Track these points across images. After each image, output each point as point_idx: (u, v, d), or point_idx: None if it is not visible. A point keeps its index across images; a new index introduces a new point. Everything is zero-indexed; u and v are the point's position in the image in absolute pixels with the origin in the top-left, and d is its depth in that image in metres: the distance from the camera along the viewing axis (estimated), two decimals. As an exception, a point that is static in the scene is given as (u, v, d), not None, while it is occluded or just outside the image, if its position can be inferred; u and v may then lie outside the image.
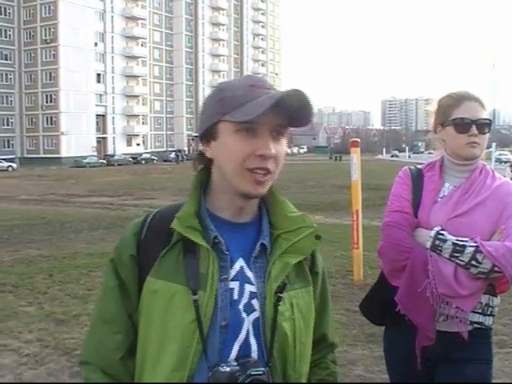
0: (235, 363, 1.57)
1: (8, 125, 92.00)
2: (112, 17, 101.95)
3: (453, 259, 2.74)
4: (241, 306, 1.63)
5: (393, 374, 3.19)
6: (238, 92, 1.61)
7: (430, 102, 3.17)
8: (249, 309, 1.64)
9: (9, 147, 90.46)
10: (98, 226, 17.32)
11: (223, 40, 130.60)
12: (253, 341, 1.63)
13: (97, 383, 1.68)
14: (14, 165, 74.02)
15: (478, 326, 2.86)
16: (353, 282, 9.50)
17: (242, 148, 1.59)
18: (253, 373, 1.55)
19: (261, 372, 1.57)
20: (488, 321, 2.88)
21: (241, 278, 1.65)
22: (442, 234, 2.77)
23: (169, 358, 1.58)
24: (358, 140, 10.70)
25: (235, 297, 1.63)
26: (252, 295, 1.65)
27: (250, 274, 1.67)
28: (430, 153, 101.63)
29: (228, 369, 1.55)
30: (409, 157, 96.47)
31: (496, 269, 2.69)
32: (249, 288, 1.65)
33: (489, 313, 2.87)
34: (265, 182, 1.63)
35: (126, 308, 1.69)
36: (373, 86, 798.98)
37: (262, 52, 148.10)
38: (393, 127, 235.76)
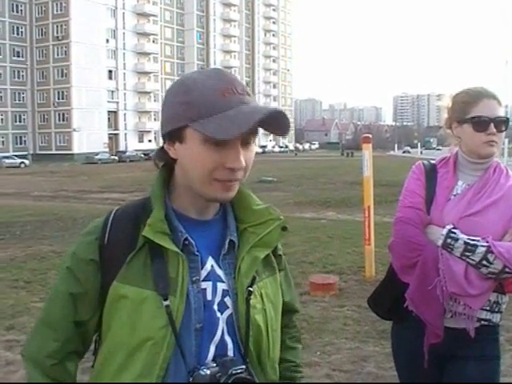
0: (214, 364, 1.55)
1: (20, 121, 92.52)
2: (123, 13, 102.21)
3: (464, 258, 2.72)
4: (215, 306, 1.61)
5: (401, 371, 3.18)
6: (207, 98, 1.51)
7: (441, 97, 3.16)
8: (222, 307, 1.62)
9: (21, 144, 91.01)
10: (110, 223, 17.28)
11: (234, 36, 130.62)
12: (228, 339, 1.61)
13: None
14: (27, 161, 74.32)
15: (486, 323, 2.84)
16: (364, 279, 9.47)
17: (211, 159, 1.52)
18: (234, 372, 1.53)
19: (241, 370, 1.55)
20: (496, 318, 2.87)
21: (212, 277, 1.62)
22: (454, 233, 2.75)
23: (136, 364, 1.55)
24: (370, 136, 10.65)
25: (209, 297, 1.61)
26: (224, 293, 1.62)
27: (219, 271, 1.64)
28: (438, 149, 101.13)
29: (208, 371, 1.53)
30: (421, 153, 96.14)
31: (507, 269, 2.67)
32: (221, 286, 1.63)
33: (497, 310, 2.86)
34: (233, 187, 1.59)
35: (73, 317, 1.64)
36: (384, 82, 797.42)
37: (274, 48, 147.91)
38: (404, 123, 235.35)
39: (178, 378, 1.54)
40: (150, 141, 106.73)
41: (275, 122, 1.54)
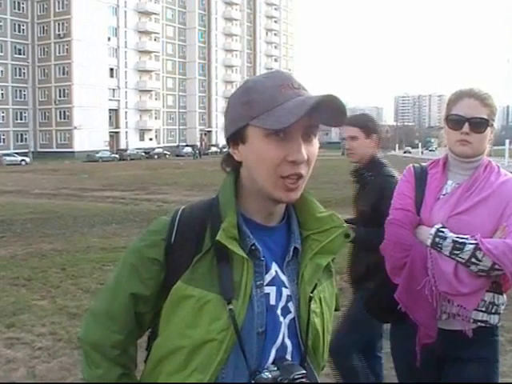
0: (275, 368, 1.57)
1: (21, 119, 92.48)
2: (125, 11, 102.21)
3: (453, 257, 2.72)
4: (278, 311, 1.63)
5: (400, 372, 3.19)
6: (265, 94, 1.55)
7: (442, 98, 3.16)
8: (285, 312, 1.64)
9: (22, 141, 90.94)
10: (111, 221, 17.39)
11: (236, 35, 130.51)
12: (288, 342, 1.64)
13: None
14: (28, 159, 74.29)
15: (483, 325, 2.84)
16: (366, 279, 9.43)
17: (274, 154, 1.54)
18: (296, 376, 1.55)
19: (302, 375, 1.56)
20: (493, 319, 2.86)
21: (277, 282, 1.65)
22: (442, 232, 2.75)
23: (193, 364, 1.58)
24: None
25: (272, 302, 1.63)
26: (288, 298, 1.65)
27: (283, 277, 1.66)
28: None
29: (270, 374, 1.55)
30: (422, 153, 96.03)
31: (496, 266, 2.67)
32: (285, 292, 1.65)
33: (493, 311, 2.85)
34: (297, 187, 1.60)
35: (134, 311, 1.69)
36: (386, 82, 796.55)
37: (275, 47, 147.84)
38: (406, 123, 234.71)
39: (237, 380, 1.57)
40: (150, 139, 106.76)
41: (331, 110, 1.55)
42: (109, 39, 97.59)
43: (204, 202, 1.75)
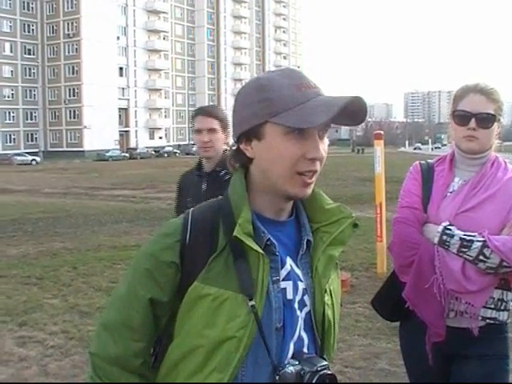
0: (296, 362, 1.57)
1: (31, 119, 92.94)
2: (134, 11, 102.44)
3: (460, 254, 2.70)
4: (295, 305, 1.64)
5: (410, 370, 3.18)
6: (284, 92, 1.55)
7: (452, 93, 3.13)
8: (301, 305, 1.65)
9: (32, 141, 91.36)
10: (122, 219, 17.46)
11: (245, 33, 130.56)
12: (304, 335, 1.64)
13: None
14: (38, 158, 74.70)
15: (492, 322, 2.81)
16: (376, 275, 9.44)
17: (293, 151, 1.55)
18: (319, 368, 1.56)
19: (324, 366, 1.58)
20: (502, 316, 2.83)
21: (292, 276, 1.65)
22: (450, 229, 2.73)
23: (213, 363, 1.57)
24: (382, 132, 10.63)
25: (289, 296, 1.63)
26: (304, 292, 1.66)
27: (298, 271, 1.66)
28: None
29: (293, 369, 1.55)
30: (432, 149, 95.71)
31: (504, 263, 2.65)
32: (301, 285, 1.66)
33: (503, 308, 2.82)
34: (312, 183, 1.61)
35: (153, 316, 1.66)
36: (395, 78, 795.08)
37: (284, 45, 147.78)
38: (415, 119, 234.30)
39: (257, 377, 1.57)
40: (160, 138, 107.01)
41: (353, 111, 1.57)
42: (118, 38, 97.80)
43: (213, 201, 1.74)
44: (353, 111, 1.56)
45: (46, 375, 5.66)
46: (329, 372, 1.57)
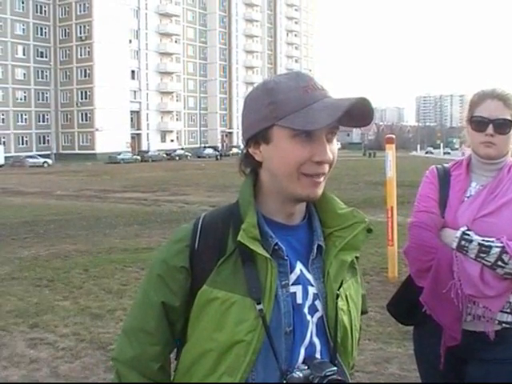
0: (305, 367, 1.57)
1: (44, 121, 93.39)
2: (146, 14, 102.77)
3: (479, 260, 2.68)
4: (305, 309, 1.63)
5: (423, 373, 3.16)
6: (291, 95, 1.55)
7: (464, 97, 3.13)
8: (312, 310, 1.64)
9: (44, 143, 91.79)
10: (133, 222, 17.47)
11: (257, 36, 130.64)
12: (316, 341, 1.63)
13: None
14: (50, 161, 74.98)
15: (508, 326, 2.79)
16: (387, 280, 9.42)
17: (300, 154, 1.55)
18: (328, 373, 1.55)
19: (333, 371, 1.56)
20: None
21: (302, 281, 1.64)
22: (468, 235, 2.71)
23: (222, 366, 1.58)
24: (393, 136, 10.61)
25: (299, 301, 1.63)
26: (315, 296, 1.65)
27: (309, 276, 1.66)
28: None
29: (301, 374, 1.55)
30: (444, 153, 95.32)
31: None
32: (311, 290, 1.65)
33: None
34: (320, 183, 1.60)
35: (167, 321, 1.68)
36: (407, 82, 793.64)
37: (296, 48, 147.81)
38: (427, 123, 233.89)
39: (268, 381, 1.57)
40: (172, 140, 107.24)
41: (359, 113, 1.56)
42: (130, 41, 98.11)
43: (225, 207, 1.75)
44: (360, 113, 1.56)
45: (57, 377, 5.67)
46: (338, 378, 1.56)
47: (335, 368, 1.58)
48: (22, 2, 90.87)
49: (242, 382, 1.56)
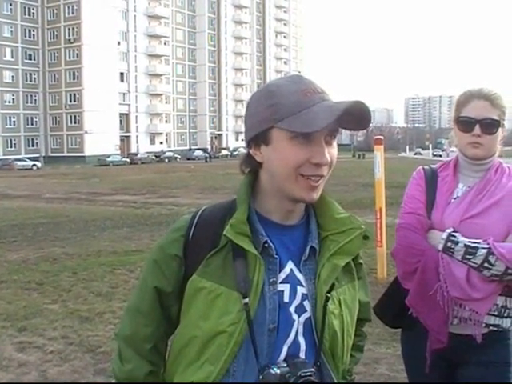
0: (284, 364, 1.60)
1: (32, 124, 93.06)
2: (135, 16, 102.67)
3: (465, 261, 2.68)
4: (292, 308, 1.66)
5: (412, 376, 3.16)
6: (290, 98, 1.59)
7: (453, 99, 3.13)
8: (300, 310, 1.66)
9: (33, 146, 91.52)
10: (122, 225, 17.43)
11: (246, 38, 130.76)
12: (302, 340, 1.66)
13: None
14: (39, 163, 74.79)
15: (495, 329, 2.79)
16: (377, 280, 9.44)
17: (298, 155, 1.58)
18: (303, 374, 1.57)
19: (310, 373, 1.59)
20: (505, 323, 2.81)
21: (291, 280, 1.67)
22: (454, 236, 2.71)
23: (205, 356, 1.64)
24: (382, 138, 10.65)
25: (286, 299, 1.65)
26: (304, 297, 1.67)
27: (300, 276, 1.69)
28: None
29: (278, 370, 1.57)
30: (433, 155, 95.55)
31: (510, 271, 2.63)
32: (300, 290, 1.67)
33: (506, 315, 2.80)
34: (318, 186, 1.64)
35: (160, 305, 1.76)
36: (396, 84, 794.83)
37: (285, 50, 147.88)
38: (416, 125, 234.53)
39: (247, 375, 1.61)
40: (161, 143, 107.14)
41: (356, 115, 1.60)
42: (119, 43, 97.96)
43: (226, 201, 1.80)
44: (357, 115, 1.59)
45: (46, 380, 5.65)
46: (313, 379, 1.58)
47: (313, 370, 1.60)
48: (10, 4, 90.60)
49: (218, 382, 1.61)
